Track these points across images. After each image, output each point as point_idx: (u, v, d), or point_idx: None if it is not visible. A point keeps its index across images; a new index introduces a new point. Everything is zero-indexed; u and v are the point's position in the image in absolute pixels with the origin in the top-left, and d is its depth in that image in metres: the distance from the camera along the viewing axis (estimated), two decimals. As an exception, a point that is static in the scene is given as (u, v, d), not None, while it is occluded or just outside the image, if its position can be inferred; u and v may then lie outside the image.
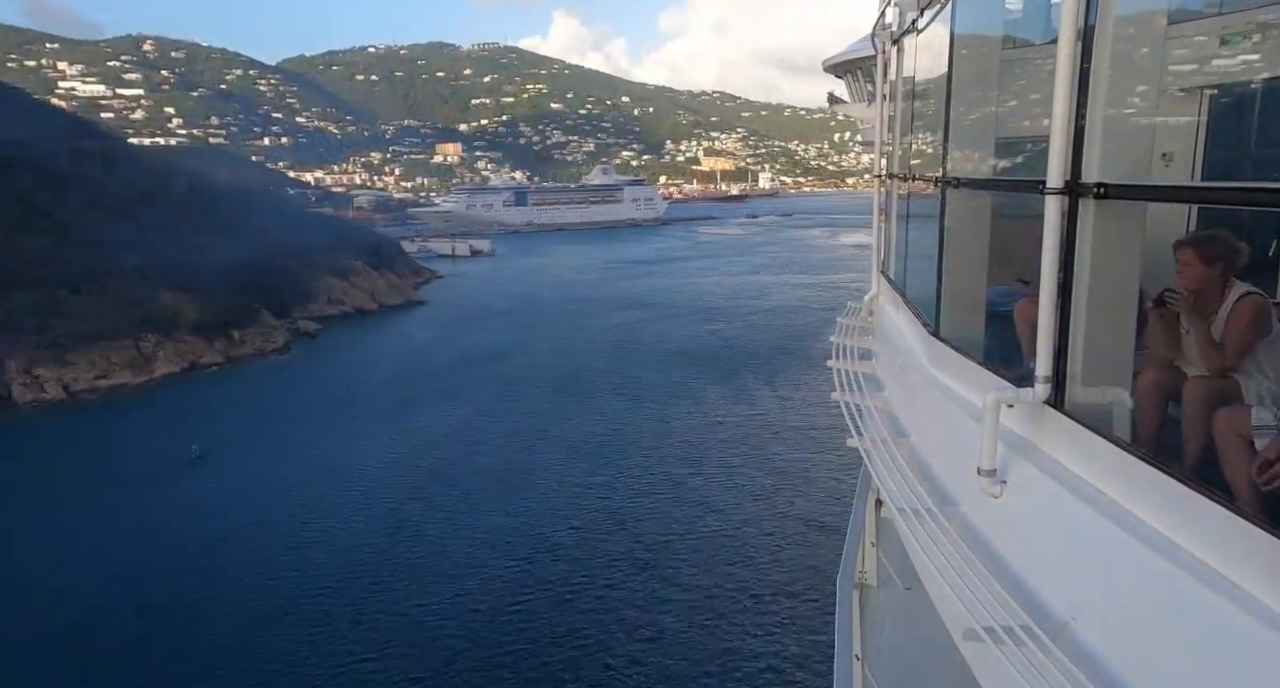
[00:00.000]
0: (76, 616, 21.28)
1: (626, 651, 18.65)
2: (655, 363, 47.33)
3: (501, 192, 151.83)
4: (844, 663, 5.77)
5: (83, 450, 34.77)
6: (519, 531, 25.23)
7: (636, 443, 33.46)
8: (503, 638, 19.30)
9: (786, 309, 63.50)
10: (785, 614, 19.95)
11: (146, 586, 22.77)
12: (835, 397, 5.58)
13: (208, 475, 31.30)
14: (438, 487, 29.35)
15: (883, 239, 7.90)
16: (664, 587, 21.46)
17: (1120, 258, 2.98)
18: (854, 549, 6.79)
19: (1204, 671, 2.12)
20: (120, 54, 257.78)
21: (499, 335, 56.35)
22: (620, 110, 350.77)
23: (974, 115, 4.49)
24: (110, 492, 29.70)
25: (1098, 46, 2.82)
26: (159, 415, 40.22)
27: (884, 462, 4.20)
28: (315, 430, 36.59)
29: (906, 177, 6.43)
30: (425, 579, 22.33)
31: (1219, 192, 3.36)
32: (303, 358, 52.23)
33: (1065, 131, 2.89)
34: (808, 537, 23.94)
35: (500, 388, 42.87)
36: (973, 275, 4.53)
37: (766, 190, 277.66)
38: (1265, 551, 2.07)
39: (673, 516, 25.87)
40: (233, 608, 21.28)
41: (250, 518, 26.96)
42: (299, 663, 18.75)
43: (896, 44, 6.83)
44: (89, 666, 19.21)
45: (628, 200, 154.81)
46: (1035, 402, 3.15)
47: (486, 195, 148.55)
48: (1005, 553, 3.05)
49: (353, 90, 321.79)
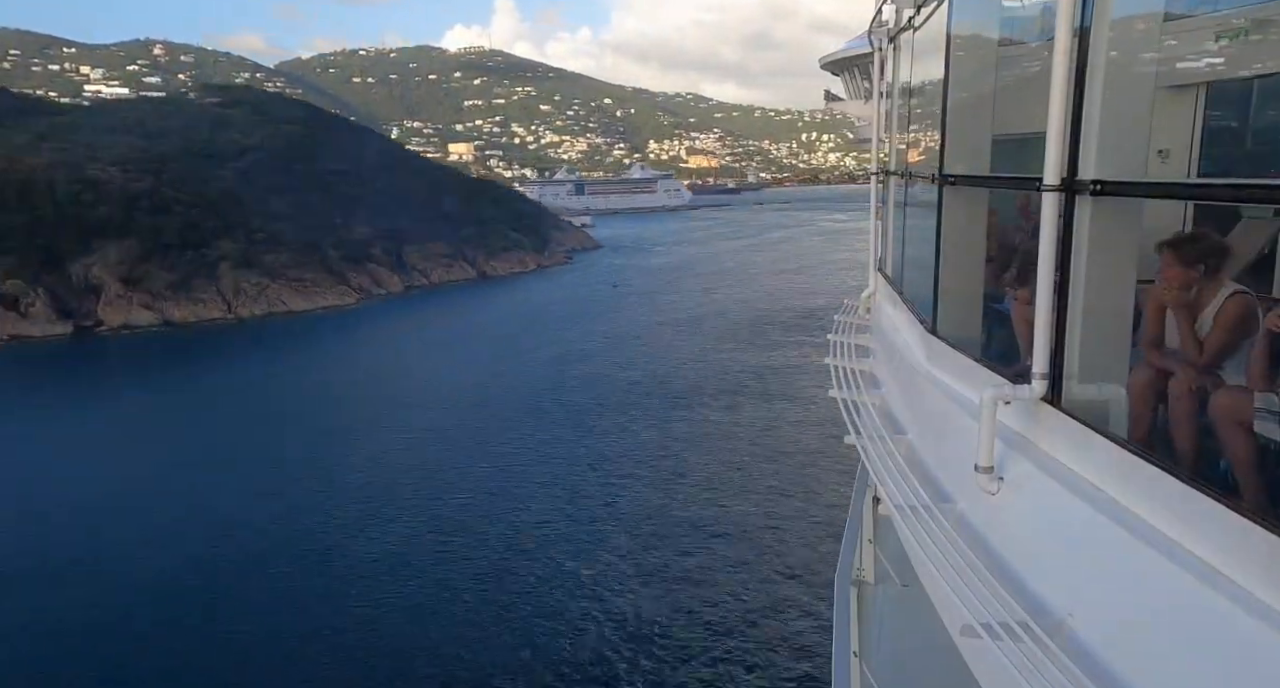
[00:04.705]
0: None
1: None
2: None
3: (565, 183, 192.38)
4: (842, 660, 5.78)
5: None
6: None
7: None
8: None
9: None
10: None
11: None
12: (833, 394, 5.58)
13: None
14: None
15: (880, 237, 7.90)
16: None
17: (1117, 254, 2.99)
18: (852, 546, 6.80)
19: (1200, 666, 2.13)
20: (136, 58, 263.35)
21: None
22: (605, 112, 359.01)
23: (971, 113, 4.49)
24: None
25: (1094, 43, 2.83)
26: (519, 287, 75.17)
27: (881, 459, 4.21)
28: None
29: (904, 174, 6.44)
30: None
31: (1215, 188, 3.37)
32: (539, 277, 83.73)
33: (1062, 128, 2.89)
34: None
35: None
36: (970, 273, 4.54)
37: (754, 184, 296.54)
38: (1261, 547, 2.07)
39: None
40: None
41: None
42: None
43: (893, 41, 6.83)
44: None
45: (660, 191, 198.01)
46: (1032, 399, 3.15)
47: (554, 187, 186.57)
48: (1002, 550, 3.05)
49: (351, 92, 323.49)
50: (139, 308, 57.93)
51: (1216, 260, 3.22)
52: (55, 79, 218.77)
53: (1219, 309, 3.13)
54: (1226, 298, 3.13)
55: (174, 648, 18.86)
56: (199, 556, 23.25)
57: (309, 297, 64.87)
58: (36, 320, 54.28)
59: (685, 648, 18.65)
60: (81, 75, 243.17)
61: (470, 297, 72.03)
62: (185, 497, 27.32)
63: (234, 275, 62.67)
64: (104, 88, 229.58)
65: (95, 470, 30.24)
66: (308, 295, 64.94)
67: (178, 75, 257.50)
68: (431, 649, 18.60)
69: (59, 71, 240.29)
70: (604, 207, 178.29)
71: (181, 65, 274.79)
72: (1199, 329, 3.17)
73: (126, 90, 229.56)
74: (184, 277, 60.72)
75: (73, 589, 21.34)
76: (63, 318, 55.23)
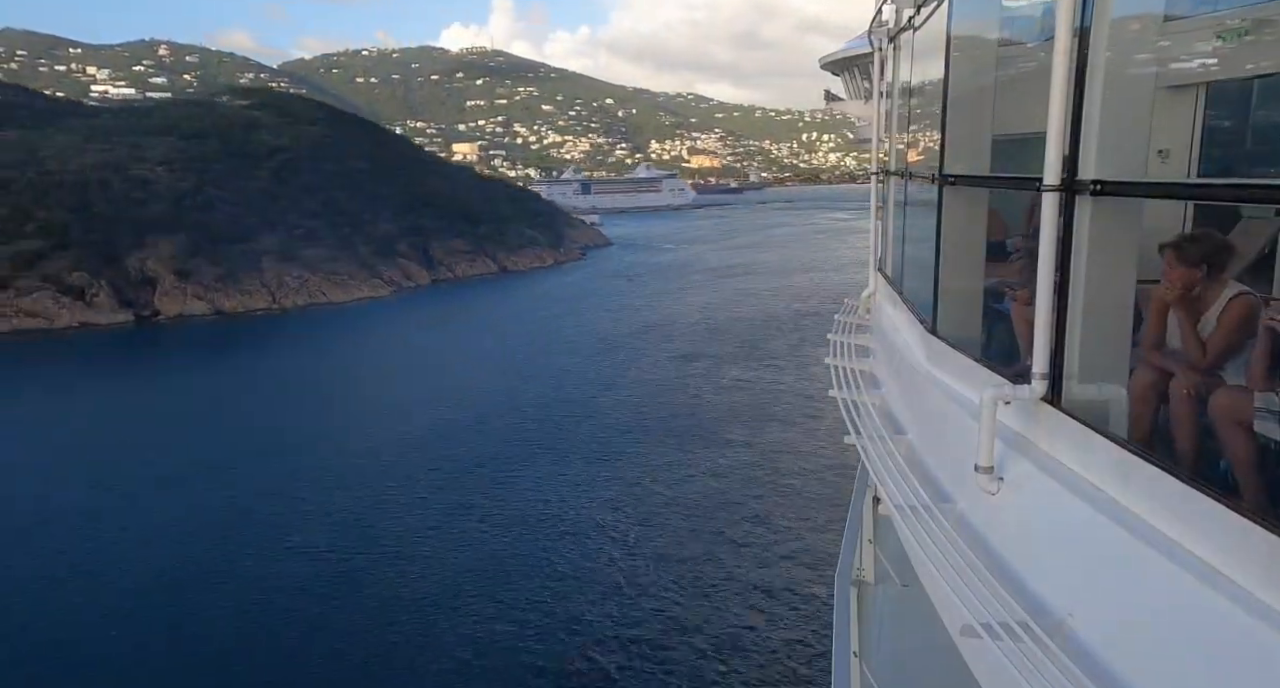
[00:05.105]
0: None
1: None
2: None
3: (572, 182, 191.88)
4: (842, 660, 5.78)
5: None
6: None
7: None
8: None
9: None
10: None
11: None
12: (833, 394, 5.59)
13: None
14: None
15: (880, 237, 7.89)
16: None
17: (1117, 254, 2.99)
18: (852, 546, 6.80)
19: (1200, 666, 2.13)
20: (141, 58, 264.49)
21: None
22: (607, 112, 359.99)
23: (971, 113, 4.48)
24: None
25: (1094, 43, 2.83)
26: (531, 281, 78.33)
27: (881, 459, 4.21)
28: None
29: (904, 174, 6.44)
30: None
31: (1215, 188, 3.37)
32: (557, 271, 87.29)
33: (1062, 128, 2.89)
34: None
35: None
36: (970, 272, 4.54)
37: (756, 184, 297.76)
38: (1261, 547, 2.07)
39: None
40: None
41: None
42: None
43: (893, 41, 6.83)
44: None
45: (666, 190, 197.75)
46: (1032, 399, 3.15)
47: (561, 186, 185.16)
48: (1002, 550, 3.05)
49: (355, 92, 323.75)
50: (192, 299, 61.91)
51: (1219, 261, 3.22)
52: (62, 79, 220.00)
53: (1223, 310, 3.12)
54: (1230, 299, 3.12)
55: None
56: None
57: (346, 289, 68.99)
58: (102, 310, 57.98)
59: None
60: (88, 76, 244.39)
61: (496, 289, 75.65)
62: (259, 467, 29.67)
63: (276, 269, 66.89)
64: (110, 88, 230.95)
65: (179, 441, 32.77)
66: (345, 287, 69.02)
67: (183, 75, 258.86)
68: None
69: (65, 72, 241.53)
70: (610, 206, 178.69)
71: (186, 65, 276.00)
72: (1201, 330, 3.16)
73: (132, 90, 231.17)
74: (230, 270, 64.76)
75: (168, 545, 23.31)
76: (124, 307, 59.21)
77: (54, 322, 55.99)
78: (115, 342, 54.86)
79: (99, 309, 57.86)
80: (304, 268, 68.14)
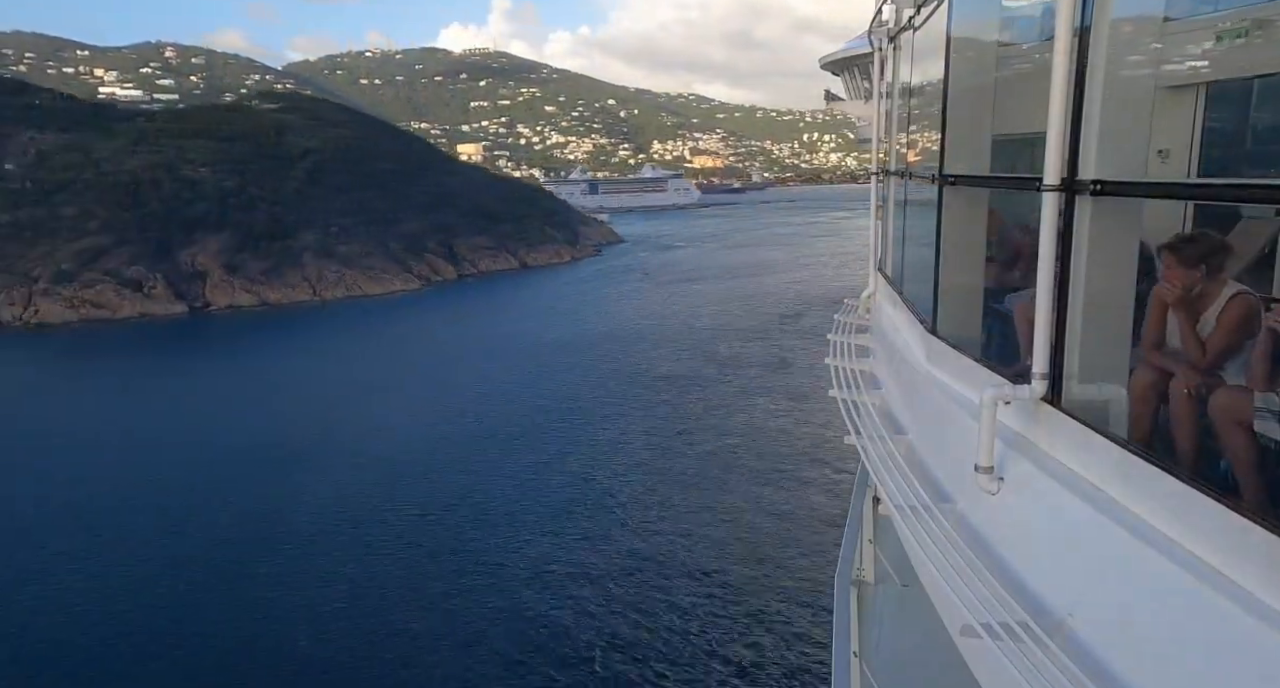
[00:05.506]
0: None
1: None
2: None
3: (579, 182, 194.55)
4: (842, 660, 5.77)
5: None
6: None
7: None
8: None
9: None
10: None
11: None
12: (833, 394, 5.58)
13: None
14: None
15: (880, 237, 7.89)
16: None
17: (1117, 254, 2.99)
18: (852, 546, 6.80)
19: (1200, 666, 2.13)
20: (148, 60, 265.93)
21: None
22: (609, 113, 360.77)
23: (971, 112, 4.48)
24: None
25: (1094, 43, 2.83)
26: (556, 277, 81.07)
27: (882, 459, 4.21)
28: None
29: (904, 174, 6.44)
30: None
31: (1215, 188, 3.37)
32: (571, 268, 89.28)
33: (1062, 128, 2.89)
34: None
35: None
36: (970, 272, 4.54)
37: (758, 184, 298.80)
38: (1262, 547, 2.07)
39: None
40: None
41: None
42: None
43: (893, 41, 6.83)
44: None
45: (671, 190, 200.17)
46: (1032, 399, 3.15)
47: (568, 185, 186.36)
48: (1003, 550, 3.05)
49: (360, 94, 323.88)
50: (240, 291, 67.13)
51: (1218, 261, 3.22)
52: (70, 82, 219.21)
53: (1222, 310, 3.12)
54: (1230, 299, 3.12)
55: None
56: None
57: (380, 283, 73.96)
58: (159, 301, 63.49)
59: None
60: (95, 78, 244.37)
61: (519, 284, 78.88)
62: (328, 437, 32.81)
63: (316, 264, 72.26)
64: (118, 90, 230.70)
65: (240, 422, 35.61)
66: (379, 281, 74.01)
67: (189, 77, 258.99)
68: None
69: (73, 74, 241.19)
70: (617, 205, 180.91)
71: (192, 67, 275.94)
72: (1201, 330, 3.16)
73: (140, 92, 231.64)
74: (274, 264, 70.26)
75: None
76: (178, 299, 64.58)
77: (116, 312, 60.99)
78: (173, 330, 59.35)
79: (156, 300, 63.33)
80: (341, 263, 73.36)
